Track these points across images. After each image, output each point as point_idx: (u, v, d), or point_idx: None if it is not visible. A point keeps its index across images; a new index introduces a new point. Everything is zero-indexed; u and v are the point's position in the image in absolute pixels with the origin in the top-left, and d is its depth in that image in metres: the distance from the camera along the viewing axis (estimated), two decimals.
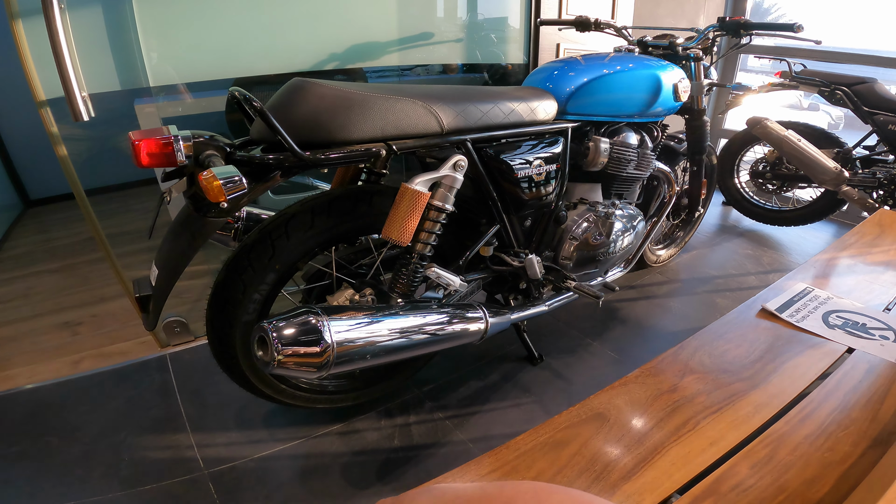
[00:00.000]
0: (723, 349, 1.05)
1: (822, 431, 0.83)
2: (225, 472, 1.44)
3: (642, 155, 1.73)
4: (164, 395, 1.73)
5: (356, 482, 1.42)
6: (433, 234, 1.27)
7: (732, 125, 3.67)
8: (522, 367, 1.86)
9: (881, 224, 1.64)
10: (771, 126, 2.60)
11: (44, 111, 1.55)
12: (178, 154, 0.97)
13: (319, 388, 1.50)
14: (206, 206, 1.06)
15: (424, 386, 1.76)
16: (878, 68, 2.98)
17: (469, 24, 2.54)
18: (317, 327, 1.01)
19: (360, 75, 2.24)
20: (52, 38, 1.32)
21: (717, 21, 1.92)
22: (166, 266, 1.13)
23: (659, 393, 0.93)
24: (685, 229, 2.56)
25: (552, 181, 1.53)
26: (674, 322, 2.16)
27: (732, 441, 0.81)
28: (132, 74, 1.70)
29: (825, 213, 2.89)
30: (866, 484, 0.70)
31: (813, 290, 1.25)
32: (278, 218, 1.20)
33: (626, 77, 1.64)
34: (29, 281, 2.55)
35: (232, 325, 1.22)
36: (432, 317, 1.23)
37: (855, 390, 0.93)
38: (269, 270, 1.19)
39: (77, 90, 1.38)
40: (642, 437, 0.82)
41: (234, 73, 1.90)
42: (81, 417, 1.62)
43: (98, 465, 1.45)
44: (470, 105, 1.31)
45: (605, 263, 1.76)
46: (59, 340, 2.04)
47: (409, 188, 1.17)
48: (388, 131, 1.18)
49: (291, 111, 1.08)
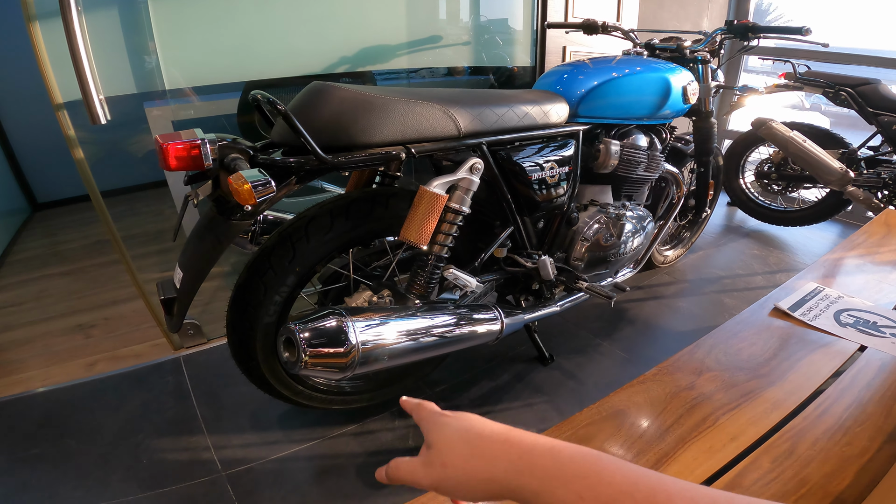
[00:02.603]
0: (737, 347, 1.07)
1: (839, 427, 0.84)
2: (242, 473, 1.45)
3: (652, 157, 1.74)
4: (179, 397, 1.74)
5: (372, 482, 1.43)
6: (450, 235, 1.29)
7: (737, 126, 3.69)
8: (534, 367, 1.87)
9: (888, 224, 1.66)
10: (776, 127, 2.62)
11: (61, 114, 1.57)
12: (205, 158, 0.99)
13: (336, 389, 1.52)
14: (230, 208, 1.07)
15: (437, 387, 1.77)
16: (882, 69, 2.99)
17: (475, 27, 2.56)
18: (342, 328, 1.02)
19: (369, 78, 2.26)
20: (69, 41, 1.33)
21: (725, 24, 1.94)
22: (191, 268, 1.15)
23: (677, 390, 0.95)
24: (692, 230, 2.58)
25: (564, 183, 1.55)
26: (682, 322, 2.17)
27: (752, 436, 0.83)
28: (148, 77, 1.71)
29: (830, 214, 2.90)
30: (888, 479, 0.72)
31: (824, 290, 1.26)
32: (298, 221, 1.22)
33: (637, 80, 1.66)
34: (40, 284, 2.56)
35: (253, 326, 1.24)
36: (450, 318, 1.25)
37: (869, 387, 0.94)
38: (289, 273, 1.21)
39: (95, 93, 1.39)
40: (663, 434, 0.84)
41: (246, 76, 1.91)
42: (98, 420, 1.64)
43: (117, 468, 1.46)
44: (486, 108, 1.33)
45: (615, 264, 1.77)
46: (72, 343, 2.06)
47: (428, 191, 1.18)
48: (408, 134, 1.20)
49: (313, 114, 1.10)
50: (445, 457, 0.44)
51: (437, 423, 0.47)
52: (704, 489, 0.34)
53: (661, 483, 0.34)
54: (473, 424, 0.45)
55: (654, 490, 0.34)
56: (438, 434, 0.46)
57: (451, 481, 0.44)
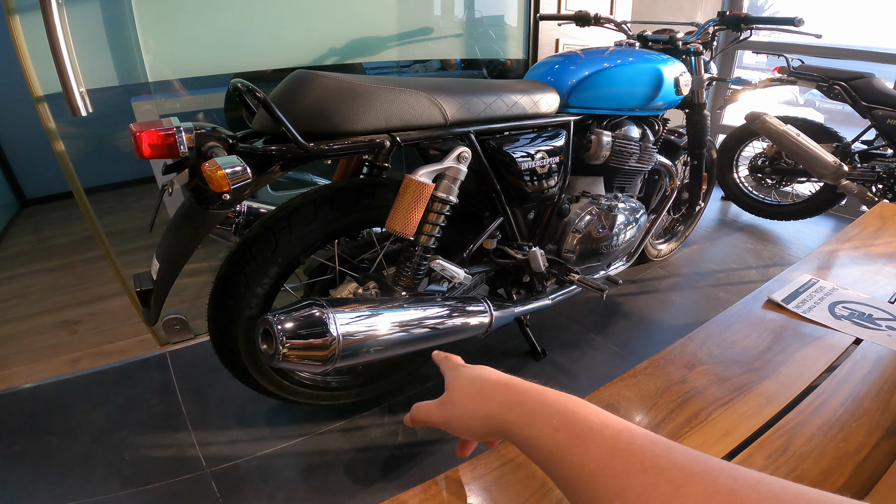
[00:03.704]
0: (731, 340, 1.04)
1: (835, 422, 0.82)
2: (227, 470, 1.43)
3: (644, 148, 1.72)
4: (164, 393, 1.71)
5: (360, 479, 1.41)
6: (437, 226, 1.26)
7: (731, 120, 3.68)
8: (526, 362, 1.85)
9: (882, 217, 1.64)
10: (770, 121, 2.60)
11: (41, 107, 1.54)
12: (180, 145, 0.96)
13: (322, 384, 1.49)
14: (208, 197, 1.04)
15: (427, 382, 1.75)
16: (876, 64, 2.99)
17: (468, 20, 2.53)
18: (322, 320, 0.99)
19: (358, 70, 2.23)
20: (49, 33, 1.30)
21: (717, 15, 1.92)
22: (168, 259, 1.12)
23: (669, 384, 0.92)
24: (686, 223, 2.56)
25: (555, 174, 1.52)
26: (676, 316, 2.15)
27: (746, 432, 0.80)
28: (130, 70, 1.68)
29: (824, 208, 2.89)
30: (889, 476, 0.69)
31: (818, 282, 1.24)
32: (280, 211, 1.19)
33: (628, 70, 1.64)
34: (26, 280, 2.53)
35: (234, 320, 1.21)
36: (437, 310, 1.22)
37: (865, 380, 0.92)
38: (271, 264, 1.18)
39: (75, 85, 1.36)
40: (654, 429, 0.81)
41: (232, 68, 1.88)
42: (82, 416, 1.61)
43: (99, 465, 1.44)
44: (473, 97, 1.30)
45: (607, 256, 1.75)
46: (57, 339, 2.03)
47: (414, 180, 1.16)
48: (392, 122, 1.17)
49: (295, 102, 1.07)
50: (455, 395, 0.53)
51: (456, 371, 0.56)
52: (662, 438, 0.38)
53: (627, 427, 0.40)
54: (483, 372, 0.54)
55: (620, 431, 0.39)
56: (455, 380, 0.55)
57: (457, 419, 0.52)
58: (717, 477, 0.32)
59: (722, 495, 0.31)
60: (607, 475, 0.37)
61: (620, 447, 0.38)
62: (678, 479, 0.33)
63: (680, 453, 0.36)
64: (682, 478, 0.33)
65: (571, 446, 0.40)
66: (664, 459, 0.35)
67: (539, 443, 0.43)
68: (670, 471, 0.34)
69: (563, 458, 0.40)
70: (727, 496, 0.31)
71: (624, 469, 0.36)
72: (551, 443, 0.42)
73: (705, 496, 0.31)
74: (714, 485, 0.32)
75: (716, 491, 0.31)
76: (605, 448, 0.38)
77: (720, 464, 0.34)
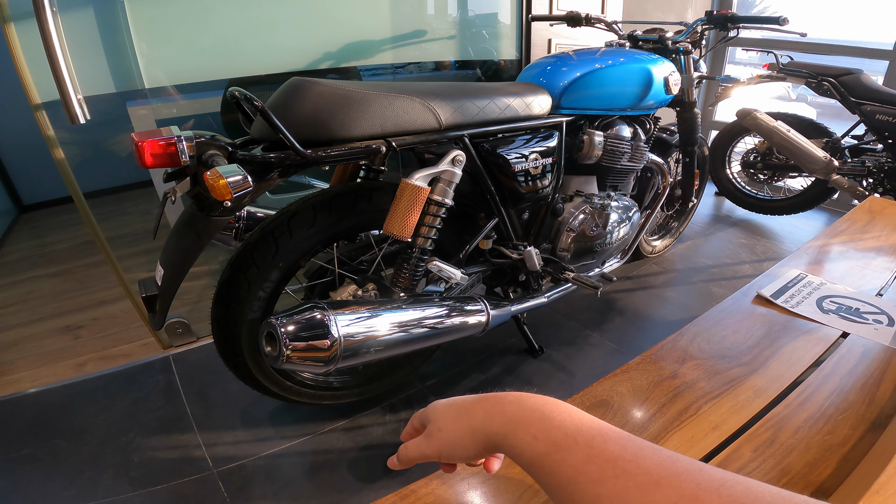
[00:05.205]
0: (720, 335, 1.07)
1: (821, 415, 0.84)
2: (234, 470, 1.45)
3: (636, 147, 1.75)
4: (169, 395, 1.74)
5: (363, 477, 1.44)
6: (434, 228, 1.29)
7: (723, 117, 3.71)
8: (524, 359, 1.88)
9: (872, 211, 1.67)
10: (760, 117, 2.63)
11: (39, 114, 1.55)
12: (181, 154, 0.98)
13: (325, 384, 1.52)
14: (210, 205, 1.07)
15: (427, 381, 1.77)
16: (864, 59, 3.01)
17: (461, 21, 2.55)
18: (324, 322, 1.02)
19: (354, 74, 2.25)
20: (45, 41, 1.31)
21: (705, 15, 1.95)
22: (172, 265, 1.14)
23: (660, 379, 0.95)
24: (679, 220, 2.59)
25: (548, 174, 1.55)
26: (671, 311, 2.18)
27: (734, 426, 0.83)
28: (126, 76, 1.70)
29: (816, 202, 2.92)
30: (864, 465, 0.72)
31: (806, 276, 1.27)
32: (280, 216, 1.22)
33: (618, 71, 1.66)
34: (27, 286, 2.54)
35: (237, 323, 1.23)
36: (435, 310, 1.25)
37: (851, 374, 0.94)
38: (272, 268, 1.21)
39: (73, 93, 1.37)
40: (646, 423, 0.84)
41: (228, 73, 1.90)
42: (88, 420, 1.63)
43: (108, 467, 1.46)
44: (466, 101, 1.33)
45: (602, 254, 1.78)
46: (61, 344, 2.05)
47: (410, 184, 1.18)
48: (388, 128, 1.19)
49: (292, 110, 1.09)
50: (439, 423, 0.52)
51: (432, 406, 0.56)
52: (635, 440, 0.40)
53: (601, 430, 0.42)
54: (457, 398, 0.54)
55: (593, 436, 0.41)
56: (433, 412, 0.54)
57: (448, 444, 0.51)
58: (682, 482, 0.34)
59: (685, 500, 0.33)
60: (583, 481, 0.39)
61: (594, 453, 0.39)
62: (645, 484, 0.36)
63: (649, 457, 0.38)
64: (649, 483, 0.35)
65: (550, 454, 0.42)
66: (633, 464, 0.37)
67: (521, 451, 0.44)
68: (639, 476, 0.36)
69: (543, 466, 0.42)
70: (690, 501, 0.33)
71: (598, 475, 0.38)
72: (532, 452, 0.43)
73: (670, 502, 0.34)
74: (679, 489, 0.34)
75: (680, 496, 0.34)
76: (580, 455, 0.40)
77: (687, 466, 0.36)
